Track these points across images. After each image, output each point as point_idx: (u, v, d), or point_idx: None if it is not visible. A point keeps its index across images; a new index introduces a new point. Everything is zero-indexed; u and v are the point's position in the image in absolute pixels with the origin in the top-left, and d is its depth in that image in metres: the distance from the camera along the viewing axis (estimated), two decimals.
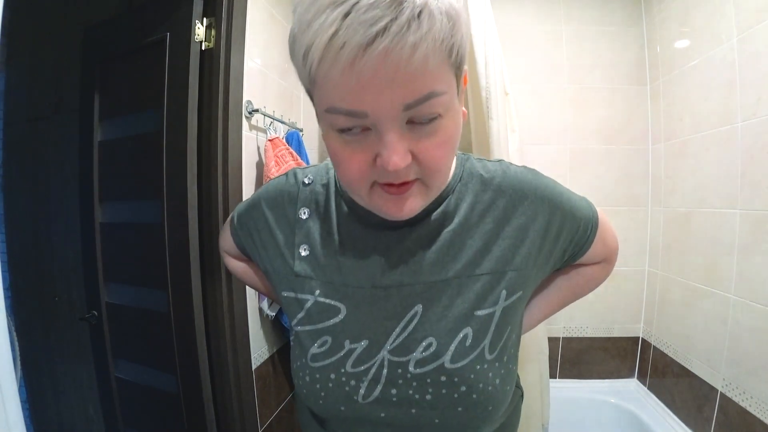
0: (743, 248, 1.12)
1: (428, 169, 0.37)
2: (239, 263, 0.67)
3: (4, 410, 0.58)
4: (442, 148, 0.36)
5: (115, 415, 1.26)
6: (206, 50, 1.08)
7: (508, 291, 0.46)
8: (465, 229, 0.46)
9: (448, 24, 0.31)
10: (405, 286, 0.46)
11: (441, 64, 0.32)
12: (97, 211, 1.22)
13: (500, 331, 0.45)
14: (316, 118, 0.38)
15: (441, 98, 0.33)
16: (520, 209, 0.47)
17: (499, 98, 1.33)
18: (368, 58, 0.29)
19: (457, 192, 0.47)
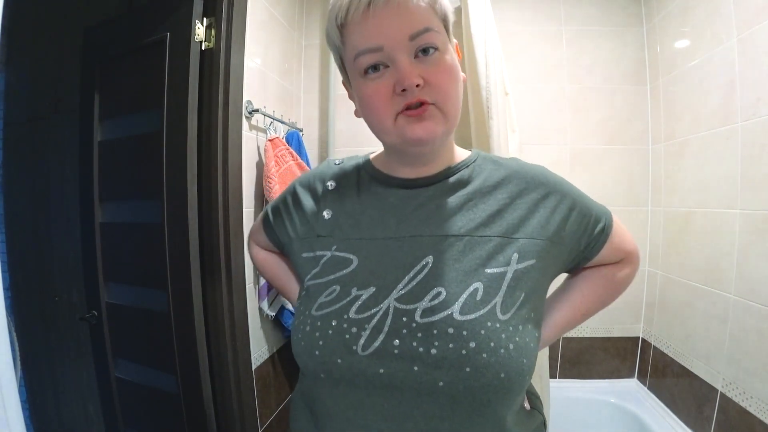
0: (743, 248, 1.12)
1: (438, 90, 0.44)
2: (265, 253, 0.69)
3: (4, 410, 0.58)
4: (447, 74, 0.45)
5: (115, 415, 1.26)
6: (206, 50, 1.09)
7: (520, 255, 0.46)
8: (479, 195, 0.50)
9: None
10: (417, 237, 0.48)
11: (429, 9, 0.44)
12: (97, 211, 1.22)
13: (513, 295, 0.44)
14: (349, 85, 0.50)
15: (436, 33, 0.43)
16: (533, 189, 0.51)
17: (499, 98, 1.33)
18: (378, 2, 0.41)
19: (471, 167, 0.53)
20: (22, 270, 1.57)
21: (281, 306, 1.33)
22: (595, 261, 0.56)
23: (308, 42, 1.77)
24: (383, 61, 0.43)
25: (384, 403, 0.44)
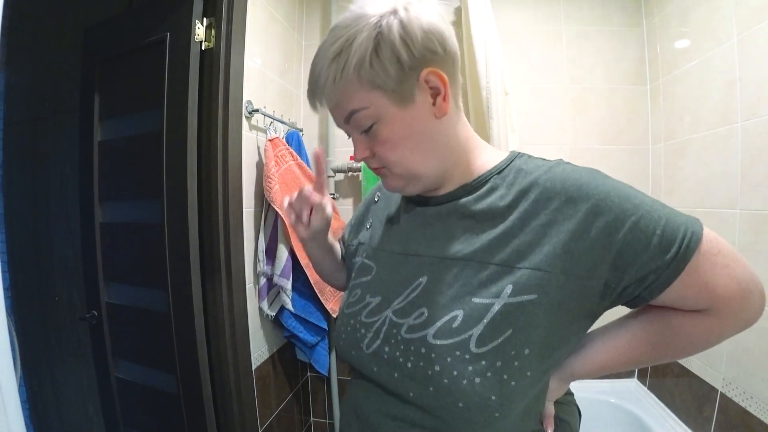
0: (743, 248, 1.12)
1: (382, 159, 0.48)
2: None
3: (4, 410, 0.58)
4: (386, 144, 0.47)
5: (115, 415, 1.26)
6: (206, 50, 1.09)
7: (516, 287, 0.42)
8: (488, 216, 0.47)
9: (343, 69, 0.43)
10: (419, 256, 0.51)
11: (353, 90, 0.45)
12: (97, 211, 1.22)
13: (496, 328, 0.42)
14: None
15: (364, 112, 0.45)
16: (552, 206, 0.43)
17: (500, 98, 1.33)
18: (314, 103, 0.49)
19: (491, 182, 0.49)
20: (22, 270, 1.57)
21: (281, 306, 1.34)
22: (661, 302, 0.43)
23: (308, 42, 1.77)
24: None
25: (378, 396, 0.50)
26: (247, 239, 1.22)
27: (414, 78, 0.44)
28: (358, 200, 1.70)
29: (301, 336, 1.38)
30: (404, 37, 0.43)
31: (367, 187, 1.63)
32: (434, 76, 0.45)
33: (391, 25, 0.43)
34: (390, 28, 0.43)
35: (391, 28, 0.43)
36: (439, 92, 0.46)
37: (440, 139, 0.48)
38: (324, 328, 1.46)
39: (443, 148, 0.49)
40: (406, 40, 0.43)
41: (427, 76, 0.45)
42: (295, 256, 1.31)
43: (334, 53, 0.44)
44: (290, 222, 0.62)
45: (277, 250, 1.29)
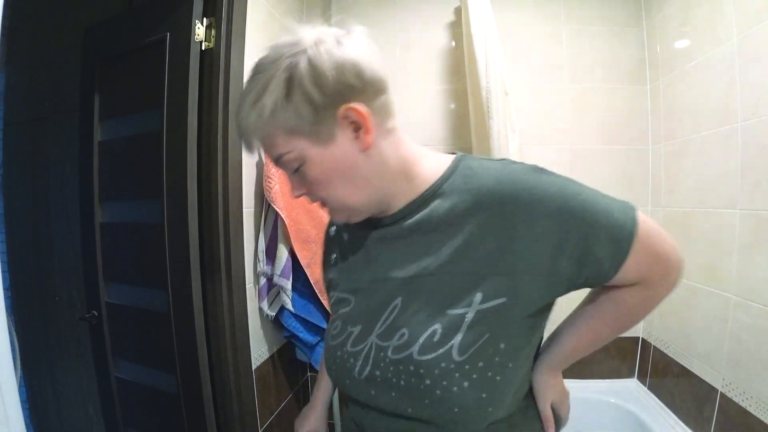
0: (743, 248, 1.12)
1: (313, 196, 0.50)
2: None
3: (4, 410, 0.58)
4: (314, 184, 0.48)
5: (115, 415, 1.26)
6: (206, 50, 1.09)
7: (485, 294, 0.45)
8: (445, 228, 0.48)
9: (260, 116, 0.44)
10: (388, 279, 0.52)
11: (274, 136, 0.45)
12: (97, 211, 1.22)
13: (474, 335, 0.44)
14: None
15: (288, 156, 0.46)
16: (509, 212, 0.44)
17: (500, 98, 1.33)
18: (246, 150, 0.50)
19: (441, 193, 0.49)
20: (22, 270, 1.57)
21: (281, 306, 1.33)
22: (611, 283, 0.49)
23: None
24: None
25: (378, 418, 0.52)
26: (247, 239, 1.22)
27: (331, 117, 0.44)
28: None
29: (301, 336, 1.38)
30: (314, 78, 0.43)
31: None
32: (352, 112, 0.44)
33: (301, 66, 0.42)
34: (299, 70, 0.42)
35: (301, 70, 0.42)
36: (360, 126, 0.45)
37: (370, 170, 0.48)
38: (324, 328, 1.46)
39: (376, 177, 0.49)
40: (317, 81, 0.43)
41: (344, 113, 0.44)
42: (295, 256, 1.30)
43: (252, 102, 0.44)
44: None
45: (277, 250, 1.29)
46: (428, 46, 1.71)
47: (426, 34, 1.72)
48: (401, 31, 1.72)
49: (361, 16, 1.74)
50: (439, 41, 1.71)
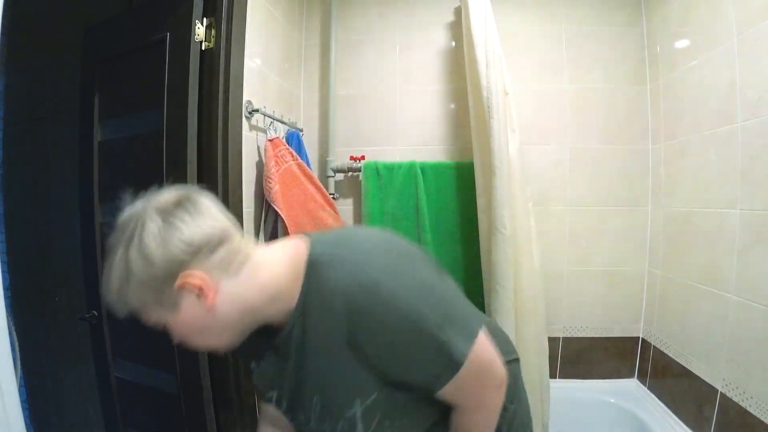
0: (743, 248, 1.12)
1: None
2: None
3: (4, 410, 0.58)
4: (183, 338, 0.55)
5: (115, 415, 1.26)
6: (206, 50, 1.08)
7: (361, 396, 0.53)
8: (319, 347, 0.53)
9: (118, 298, 0.49)
10: (299, 392, 0.58)
11: (137, 310, 0.51)
12: (97, 211, 1.22)
13: (368, 423, 0.54)
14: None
15: (152, 320, 0.52)
16: (366, 324, 0.50)
17: (500, 98, 1.33)
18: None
19: (306, 311, 0.53)
20: (22, 270, 1.56)
21: None
22: (442, 398, 0.56)
23: (308, 42, 1.77)
24: None
25: None
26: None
27: (170, 289, 0.48)
28: (358, 200, 1.71)
29: None
30: (144, 266, 0.47)
31: (367, 187, 1.63)
32: (187, 282, 0.48)
33: (131, 256, 0.47)
34: (131, 262, 0.47)
35: (131, 261, 0.47)
36: (200, 290, 0.49)
37: (224, 320, 0.52)
38: None
39: (233, 322, 0.53)
40: (147, 268, 0.47)
41: (181, 284, 0.48)
42: None
43: (108, 286, 0.49)
44: None
45: None
46: (428, 46, 1.71)
47: (426, 34, 1.72)
48: (401, 31, 1.72)
49: (361, 16, 1.74)
50: (439, 41, 1.71)
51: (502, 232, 1.28)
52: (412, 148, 1.72)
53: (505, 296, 1.28)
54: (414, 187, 1.61)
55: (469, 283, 1.60)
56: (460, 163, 1.61)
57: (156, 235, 0.47)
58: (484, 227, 1.40)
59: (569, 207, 1.65)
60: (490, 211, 1.31)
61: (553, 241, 1.66)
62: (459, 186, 1.61)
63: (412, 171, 1.61)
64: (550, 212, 1.66)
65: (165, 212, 0.49)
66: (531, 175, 1.62)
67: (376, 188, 1.63)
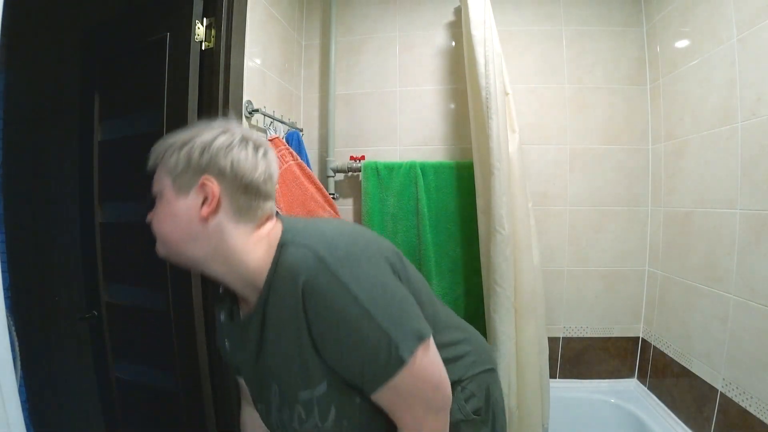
0: (743, 248, 1.12)
1: (154, 226, 0.59)
2: None
3: (4, 410, 0.58)
4: (157, 215, 0.59)
5: (115, 415, 1.26)
6: (206, 50, 1.08)
7: (311, 384, 0.56)
8: (281, 325, 0.55)
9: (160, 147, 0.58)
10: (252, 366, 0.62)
11: (158, 167, 0.58)
12: (97, 211, 1.22)
13: (324, 410, 0.56)
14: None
15: (155, 186, 0.58)
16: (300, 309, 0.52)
17: (499, 98, 1.33)
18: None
19: (273, 289, 0.55)
20: (22, 270, 1.56)
21: None
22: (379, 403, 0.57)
23: (308, 42, 1.77)
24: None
25: None
26: None
27: (194, 178, 0.55)
28: (358, 200, 1.71)
29: None
30: (201, 146, 0.55)
31: (367, 187, 1.63)
32: (207, 184, 0.55)
33: (203, 137, 0.56)
34: (198, 138, 0.56)
35: (199, 138, 0.56)
36: (206, 199, 0.55)
37: (201, 239, 0.56)
38: None
39: (204, 249, 0.56)
40: (201, 149, 0.55)
41: (203, 182, 0.55)
42: None
43: (169, 141, 0.58)
44: None
45: None
46: (428, 46, 1.71)
47: (426, 34, 1.72)
48: (401, 31, 1.72)
49: (361, 16, 1.74)
50: (439, 41, 1.71)
51: (500, 232, 1.28)
52: (412, 148, 1.72)
53: (505, 296, 1.28)
54: (414, 187, 1.61)
55: (469, 283, 1.60)
56: (460, 163, 1.61)
57: (224, 142, 0.55)
58: (483, 227, 1.40)
59: (569, 207, 1.65)
60: (489, 211, 1.31)
61: (552, 241, 1.66)
62: (459, 186, 1.61)
63: (412, 171, 1.61)
64: (550, 212, 1.66)
65: (246, 136, 0.58)
66: (531, 175, 1.62)
67: (376, 188, 1.63)
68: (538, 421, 1.35)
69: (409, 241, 1.62)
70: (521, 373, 1.32)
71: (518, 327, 1.32)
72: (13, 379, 0.60)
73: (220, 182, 0.55)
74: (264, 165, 0.58)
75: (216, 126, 0.58)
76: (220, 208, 0.55)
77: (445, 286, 1.61)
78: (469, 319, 1.60)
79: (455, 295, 1.61)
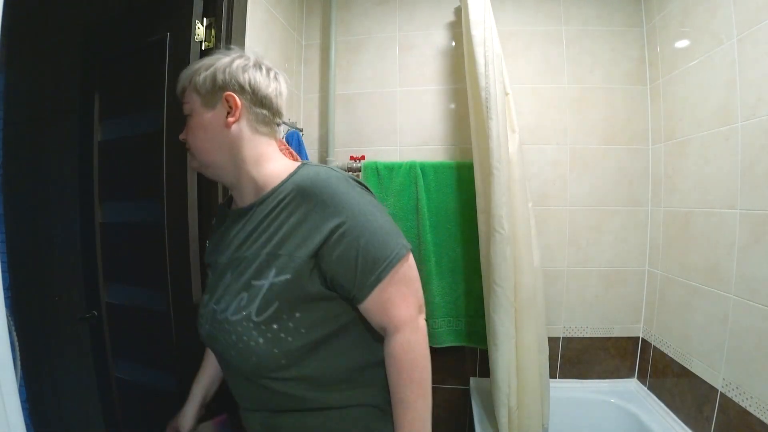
0: (743, 248, 1.12)
1: (189, 142, 0.69)
2: None
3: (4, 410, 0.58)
4: (191, 132, 0.69)
5: (115, 415, 1.26)
6: (206, 50, 1.08)
7: (277, 270, 0.59)
8: (269, 220, 0.62)
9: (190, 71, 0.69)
10: (228, 259, 0.66)
11: (188, 88, 0.69)
12: (97, 211, 1.22)
13: (267, 302, 0.59)
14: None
15: (186, 105, 0.69)
16: (310, 204, 0.60)
17: (499, 98, 1.33)
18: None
19: (276, 192, 0.64)
20: (22, 270, 1.56)
21: None
22: (365, 312, 0.62)
23: (308, 42, 1.77)
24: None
25: (223, 365, 0.70)
26: None
27: (219, 93, 0.66)
28: None
29: None
30: (223, 66, 0.66)
31: None
32: (230, 98, 0.65)
33: (225, 60, 0.67)
34: (222, 62, 0.66)
35: (222, 62, 0.66)
36: (230, 110, 0.65)
37: (226, 142, 0.66)
38: None
39: (228, 149, 0.66)
40: (224, 69, 0.65)
41: (226, 96, 0.65)
42: None
43: (195, 66, 0.69)
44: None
45: None
46: (428, 46, 1.71)
47: (426, 34, 1.72)
48: (401, 31, 1.72)
49: (361, 16, 1.74)
50: (439, 41, 1.71)
51: (500, 233, 1.28)
52: (412, 148, 1.72)
53: (505, 296, 1.28)
54: (414, 187, 1.61)
55: (469, 283, 1.60)
56: (460, 163, 1.61)
57: (241, 63, 0.66)
58: (483, 227, 1.40)
59: (569, 207, 1.65)
60: (489, 211, 1.31)
61: (553, 241, 1.66)
62: (459, 186, 1.61)
63: (412, 171, 1.61)
64: (550, 212, 1.66)
65: (258, 61, 0.69)
66: (531, 175, 1.62)
67: (376, 188, 1.63)
68: (538, 421, 1.35)
69: (409, 241, 1.61)
70: (521, 372, 1.32)
71: (518, 327, 1.32)
72: (13, 379, 0.60)
73: (240, 96, 0.65)
74: (275, 84, 0.69)
75: (232, 53, 0.68)
76: (242, 118, 0.66)
77: (445, 286, 1.61)
78: (469, 318, 1.61)
79: (455, 295, 1.61)
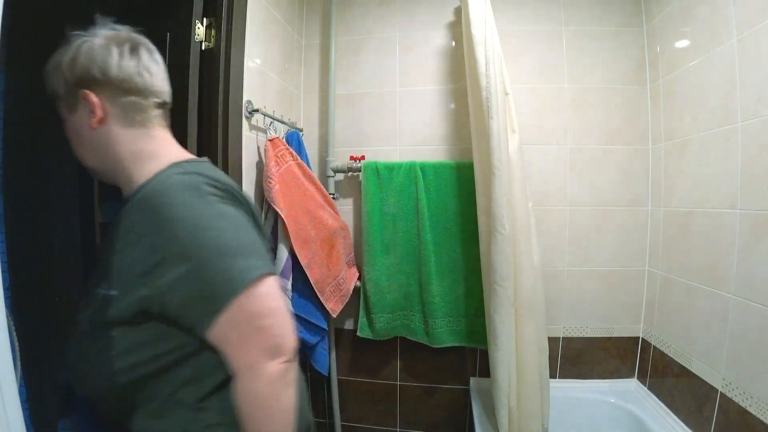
0: (743, 248, 1.12)
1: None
2: None
3: (4, 410, 0.58)
4: (69, 139, 0.66)
5: None
6: (206, 50, 1.08)
7: (109, 283, 0.56)
8: (111, 240, 0.57)
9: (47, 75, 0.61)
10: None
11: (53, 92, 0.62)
12: (97, 211, 1.22)
13: (100, 315, 0.57)
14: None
15: (59, 108, 0.64)
16: (139, 225, 0.53)
17: (499, 98, 1.33)
18: None
19: (129, 202, 0.57)
20: (22, 270, 1.56)
21: None
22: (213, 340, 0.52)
23: (308, 42, 1.77)
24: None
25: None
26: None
27: (75, 94, 0.59)
28: (358, 200, 1.71)
29: (301, 336, 1.38)
30: (71, 63, 0.58)
31: (367, 186, 1.63)
32: (86, 97, 0.58)
33: (71, 52, 0.58)
34: (67, 55, 0.58)
35: (68, 55, 0.58)
36: (91, 110, 0.58)
37: (96, 144, 0.61)
38: (324, 328, 1.46)
39: (100, 152, 0.61)
40: (71, 66, 0.58)
41: (82, 95, 0.58)
42: (295, 256, 1.30)
43: (51, 64, 0.61)
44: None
45: (277, 250, 1.29)
46: (428, 46, 1.72)
47: (426, 34, 1.72)
48: (401, 31, 1.72)
49: (362, 16, 1.74)
50: (439, 41, 1.71)
51: (501, 232, 1.28)
52: (412, 148, 1.72)
53: (505, 296, 1.28)
54: (414, 187, 1.61)
55: (469, 283, 1.60)
56: (460, 163, 1.61)
57: (86, 52, 0.58)
58: (483, 227, 1.40)
59: (569, 207, 1.65)
60: (489, 211, 1.31)
61: (553, 241, 1.66)
62: (459, 186, 1.61)
63: (412, 171, 1.61)
64: (550, 212, 1.66)
65: (112, 38, 0.61)
66: (531, 175, 1.62)
67: (376, 188, 1.63)
68: (537, 421, 1.35)
69: (409, 241, 1.62)
70: (521, 372, 1.32)
71: (518, 326, 1.32)
72: (13, 379, 0.60)
73: (97, 91, 0.58)
74: (134, 61, 0.60)
75: (77, 38, 0.60)
76: (108, 114, 0.59)
77: (445, 286, 1.61)
78: (469, 319, 1.61)
79: (455, 295, 1.61)
